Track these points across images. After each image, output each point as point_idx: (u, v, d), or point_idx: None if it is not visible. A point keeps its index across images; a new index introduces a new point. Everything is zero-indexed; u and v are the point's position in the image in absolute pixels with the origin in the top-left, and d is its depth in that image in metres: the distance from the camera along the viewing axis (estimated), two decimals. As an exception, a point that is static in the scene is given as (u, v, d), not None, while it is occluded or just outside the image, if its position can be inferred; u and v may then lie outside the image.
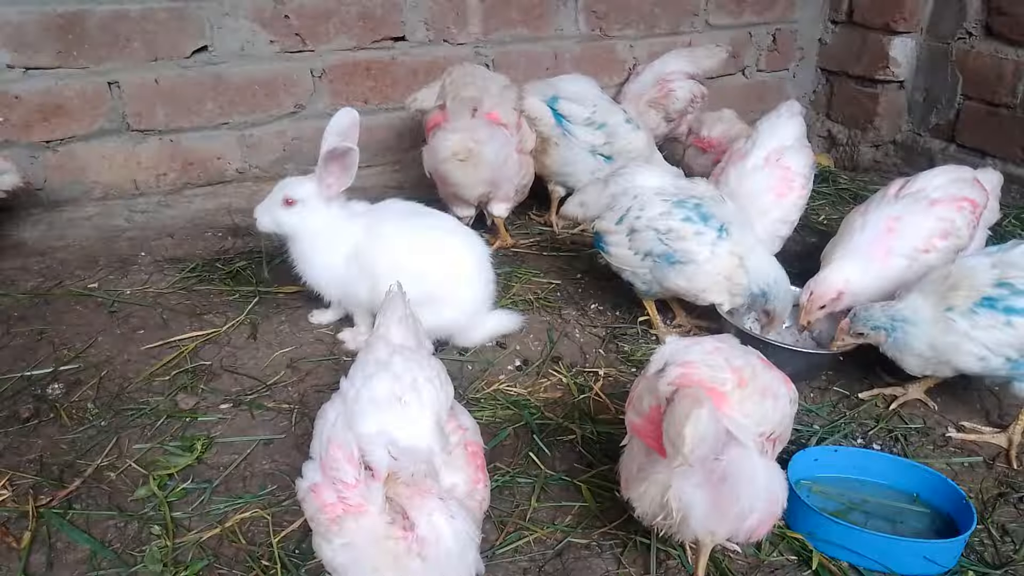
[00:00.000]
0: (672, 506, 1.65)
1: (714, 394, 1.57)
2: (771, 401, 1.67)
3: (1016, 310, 2.23)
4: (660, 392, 1.60)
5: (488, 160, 3.15)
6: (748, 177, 3.02)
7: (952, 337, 2.30)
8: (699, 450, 1.47)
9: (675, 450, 1.47)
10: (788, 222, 3.05)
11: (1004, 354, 2.27)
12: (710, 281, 2.69)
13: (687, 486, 1.63)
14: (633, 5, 4.40)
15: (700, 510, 1.65)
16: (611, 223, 2.79)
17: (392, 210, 2.78)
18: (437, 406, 1.72)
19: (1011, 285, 2.26)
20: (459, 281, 2.68)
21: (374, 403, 1.68)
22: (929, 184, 2.79)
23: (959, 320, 2.28)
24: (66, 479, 2.16)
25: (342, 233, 2.69)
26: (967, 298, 2.29)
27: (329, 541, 1.56)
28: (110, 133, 3.61)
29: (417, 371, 1.75)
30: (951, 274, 2.36)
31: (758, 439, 1.65)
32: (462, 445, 1.73)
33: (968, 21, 4.24)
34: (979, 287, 2.29)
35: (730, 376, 1.63)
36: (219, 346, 2.78)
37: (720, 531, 1.71)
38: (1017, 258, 2.32)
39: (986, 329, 2.26)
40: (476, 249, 2.77)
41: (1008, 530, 2.09)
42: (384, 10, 3.86)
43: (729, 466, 1.62)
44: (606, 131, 3.47)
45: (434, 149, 3.17)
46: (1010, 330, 2.24)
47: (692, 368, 1.62)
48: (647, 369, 1.73)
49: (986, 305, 2.26)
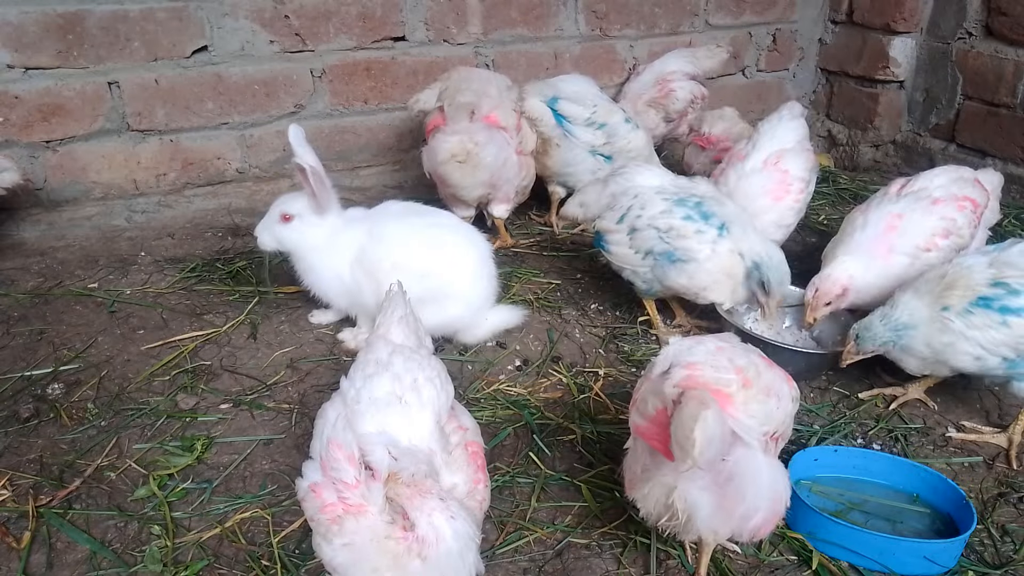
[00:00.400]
0: (677, 507, 1.65)
1: (719, 396, 1.57)
2: (775, 400, 1.67)
3: (1012, 310, 2.23)
4: (666, 394, 1.59)
5: (486, 162, 3.16)
6: (746, 179, 3.03)
7: (948, 337, 2.31)
8: (708, 453, 1.46)
9: (684, 453, 1.47)
10: (783, 225, 3.05)
11: (1000, 354, 2.27)
12: (711, 279, 2.70)
13: (693, 488, 1.64)
14: (633, 5, 4.40)
15: (705, 511, 1.65)
16: (612, 222, 2.80)
17: (391, 211, 2.78)
18: (437, 406, 1.72)
19: (1007, 285, 2.26)
20: (463, 277, 2.69)
21: (374, 403, 1.68)
22: (931, 183, 2.80)
23: (955, 320, 2.29)
24: (66, 479, 2.16)
25: (344, 240, 2.69)
26: (962, 298, 2.29)
27: (329, 541, 1.56)
28: (110, 133, 3.60)
29: (417, 371, 1.76)
30: (947, 274, 2.36)
31: (762, 438, 1.65)
32: (462, 445, 1.73)
33: (968, 21, 4.24)
34: (975, 287, 2.29)
35: (735, 377, 1.62)
36: (219, 346, 2.78)
37: (724, 531, 1.71)
38: (1014, 257, 2.31)
39: (981, 329, 2.26)
40: (478, 244, 2.77)
41: (1008, 530, 2.09)
42: (384, 10, 3.86)
43: (735, 466, 1.62)
44: (606, 131, 3.47)
45: (433, 151, 3.17)
46: (1006, 330, 2.24)
47: (697, 370, 1.61)
48: (650, 371, 1.73)
49: (981, 305, 2.27)
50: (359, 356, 1.87)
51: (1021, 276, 2.26)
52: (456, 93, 3.21)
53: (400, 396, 1.69)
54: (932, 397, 2.60)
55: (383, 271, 2.58)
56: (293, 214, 2.69)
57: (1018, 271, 2.28)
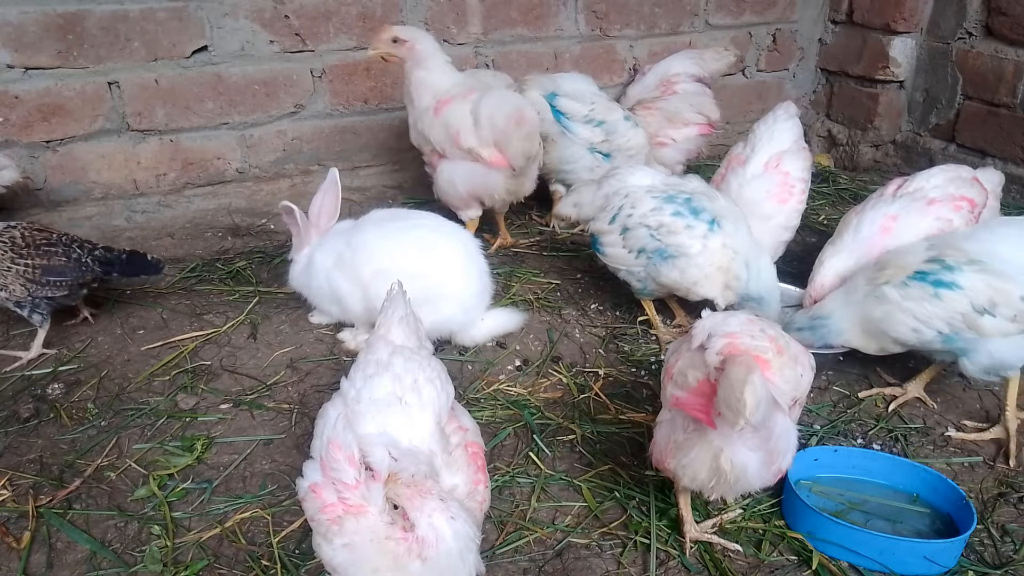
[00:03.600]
0: (725, 469, 1.73)
1: (760, 361, 1.65)
2: (801, 368, 1.78)
3: (944, 283, 2.27)
4: (709, 363, 1.67)
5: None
6: (748, 184, 3.02)
7: (886, 307, 2.36)
8: (758, 414, 1.54)
9: (736, 415, 1.54)
10: (791, 227, 3.07)
11: (935, 327, 2.31)
12: (702, 274, 2.70)
13: (740, 449, 1.72)
14: (633, 5, 4.40)
15: (753, 468, 1.75)
16: (605, 223, 2.80)
17: (371, 219, 2.77)
18: (438, 406, 1.72)
19: (942, 261, 2.31)
20: (451, 275, 2.68)
21: (375, 403, 1.68)
22: (927, 183, 2.80)
23: (892, 291, 2.35)
24: (66, 479, 2.16)
25: (323, 253, 2.75)
26: (899, 272, 2.36)
27: (329, 541, 1.56)
28: (110, 133, 3.60)
29: (418, 371, 1.76)
30: (883, 257, 2.47)
31: (790, 402, 1.74)
32: (463, 446, 1.73)
33: (968, 21, 4.24)
34: (909, 265, 2.36)
35: (770, 344, 1.72)
36: (219, 346, 2.78)
37: (765, 483, 1.83)
38: (956, 240, 2.38)
39: (916, 300, 2.31)
40: (463, 241, 2.77)
41: (1008, 530, 2.09)
42: (384, 10, 3.86)
43: (774, 427, 1.71)
44: (605, 128, 3.47)
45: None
46: (939, 303, 2.28)
47: (736, 338, 1.70)
48: (681, 347, 1.84)
49: (917, 278, 2.32)
50: (359, 356, 1.87)
51: (958, 255, 2.31)
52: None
53: (400, 397, 1.69)
54: (932, 397, 2.60)
55: (365, 277, 2.58)
56: (290, 257, 2.88)
57: (955, 250, 2.32)
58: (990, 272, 2.25)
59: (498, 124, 3.09)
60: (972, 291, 2.25)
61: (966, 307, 2.26)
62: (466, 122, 3.13)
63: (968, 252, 2.30)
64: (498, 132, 3.10)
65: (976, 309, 2.25)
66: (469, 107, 3.14)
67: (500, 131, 3.10)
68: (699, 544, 1.98)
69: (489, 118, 3.10)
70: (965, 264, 2.28)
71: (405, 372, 1.74)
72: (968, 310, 2.25)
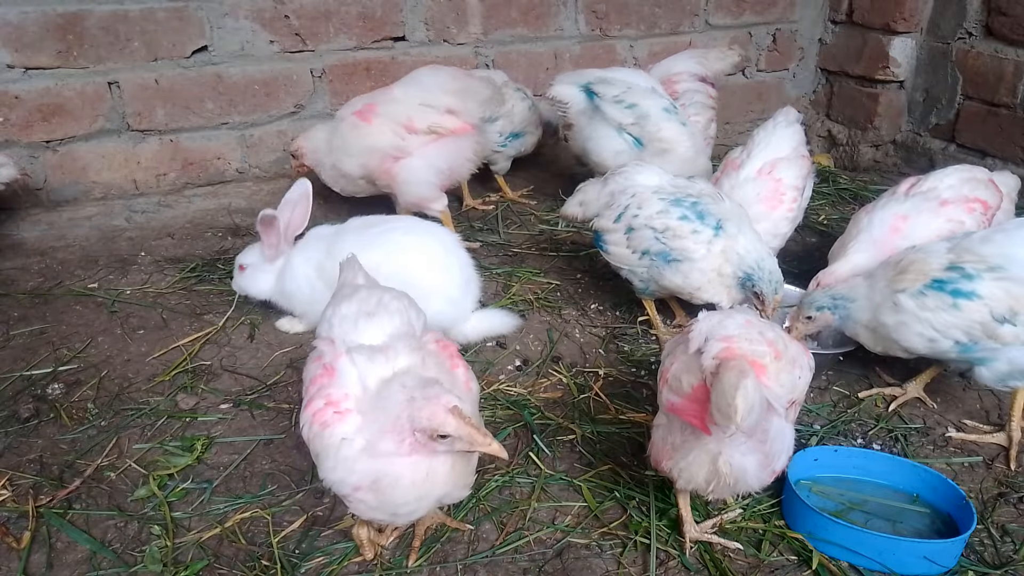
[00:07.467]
0: (723, 472, 1.74)
1: (756, 366, 1.64)
2: (799, 371, 1.77)
3: (963, 293, 2.23)
4: (704, 367, 1.66)
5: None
6: (739, 188, 3.01)
7: (901, 316, 2.32)
8: (750, 419, 1.54)
9: (727, 420, 1.54)
10: (778, 235, 3.03)
11: (952, 337, 2.27)
12: (704, 279, 2.69)
13: (737, 453, 1.73)
14: (633, 5, 4.40)
15: (751, 470, 1.76)
16: (609, 221, 2.80)
17: (350, 228, 2.78)
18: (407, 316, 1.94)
19: (961, 268, 2.26)
20: (432, 270, 2.67)
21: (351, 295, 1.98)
22: (940, 184, 2.77)
23: (908, 300, 2.30)
24: (66, 479, 2.16)
25: (299, 260, 2.76)
26: (916, 280, 2.30)
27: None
28: (110, 133, 3.61)
29: (382, 293, 1.98)
30: (903, 259, 2.39)
31: (786, 405, 1.74)
32: (432, 343, 1.87)
33: (968, 21, 4.24)
34: (929, 271, 2.30)
35: (768, 349, 1.70)
36: (219, 346, 2.78)
37: (763, 484, 1.83)
38: (974, 244, 2.31)
39: (934, 311, 2.27)
40: (440, 237, 2.79)
41: (1008, 530, 2.09)
42: (384, 10, 3.87)
43: (769, 430, 1.71)
44: (636, 112, 3.41)
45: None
46: (957, 312, 2.24)
47: (733, 342, 1.68)
48: (675, 349, 1.82)
49: (935, 287, 2.27)
50: (333, 295, 2.05)
51: (977, 262, 2.26)
52: None
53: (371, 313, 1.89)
54: (932, 397, 2.60)
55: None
56: (247, 264, 2.86)
57: (975, 257, 2.27)
58: (1010, 279, 2.21)
59: (448, 86, 3.24)
60: (992, 300, 2.21)
61: (985, 316, 2.21)
62: (412, 105, 3.24)
63: (987, 258, 2.25)
64: (450, 95, 3.24)
65: (996, 318, 2.21)
66: (401, 93, 3.29)
67: (453, 92, 3.24)
68: (699, 544, 1.98)
69: (439, 86, 3.24)
70: (985, 272, 2.23)
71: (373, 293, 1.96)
72: (987, 319, 2.21)
